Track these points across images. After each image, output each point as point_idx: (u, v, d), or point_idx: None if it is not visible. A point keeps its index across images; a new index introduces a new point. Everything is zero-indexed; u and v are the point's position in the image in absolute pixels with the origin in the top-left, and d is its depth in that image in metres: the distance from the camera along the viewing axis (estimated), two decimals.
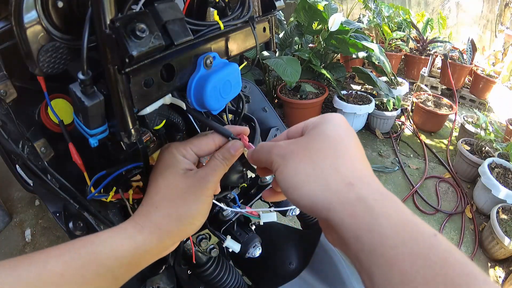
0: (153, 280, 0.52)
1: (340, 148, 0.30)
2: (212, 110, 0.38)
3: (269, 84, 2.63)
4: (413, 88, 3.13)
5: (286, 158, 0.31)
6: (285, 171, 0.30)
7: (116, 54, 0.32)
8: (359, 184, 0.27)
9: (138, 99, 0.34)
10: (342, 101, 2.39)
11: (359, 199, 0.25)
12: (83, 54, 0.34)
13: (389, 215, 0.24)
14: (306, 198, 0.28)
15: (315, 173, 0.28)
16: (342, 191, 0.26)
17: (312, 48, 2.64)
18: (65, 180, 0.46)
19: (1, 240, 1.50)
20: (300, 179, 0.28)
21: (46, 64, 0.36)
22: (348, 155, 0.29)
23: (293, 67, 1.98)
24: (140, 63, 0.33)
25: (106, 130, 0.36)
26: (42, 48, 0.35)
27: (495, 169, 1.85)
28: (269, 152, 0.33)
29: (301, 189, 0.28)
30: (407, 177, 2.07)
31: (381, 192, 0.26)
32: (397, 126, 2.65)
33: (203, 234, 0.56)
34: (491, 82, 3.00)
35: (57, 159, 0.52)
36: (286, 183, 0.29)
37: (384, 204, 0.25)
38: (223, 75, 0.38)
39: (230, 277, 0.60)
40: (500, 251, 1.55)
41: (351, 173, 0.28)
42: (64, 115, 0.45)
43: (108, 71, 0.33)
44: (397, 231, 0.23)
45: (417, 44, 3.58)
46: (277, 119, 0.64)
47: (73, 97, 0.36)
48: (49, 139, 0.52)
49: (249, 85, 0.64)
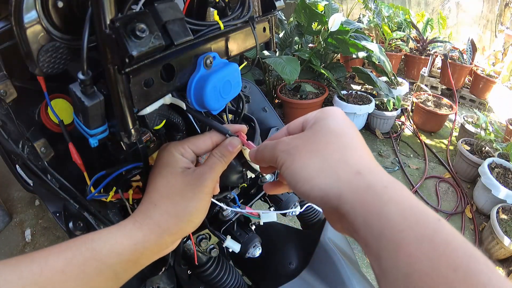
0: (153, 280, 0.52)
1: (346, 141, 0.31)
2: (212, 110, 0.38)
3: (269, 84, 2.64)
4: (413, 88, 3.13)
5: (292, 153, 0.31)
6: (293, 166, 0.30)
7: (116, 54, 0.32)
8: (368, 173, 0.28)
9: (138, 99, 0.34)
10: (342, 101, 2.39)
11: (369, 186, 0.27)
12: (83, 54, 0.34)
13: (397, 202, 0.25)
14: (317, 189, 0.28)
15: (325, 166, 0.29)
16: (352, 180, 0.27)
17: (312, 48, 2.64)
18: (65, 180, 0.46)
19: (1, 240, 1.50)
20: (309, 172, 0.29)
21: (46, 64, 0.36)
22: (354, 147, 0.30)
23: (292, 66, 1.99)
24: (140, 63, 0.33)
25: (106, 130, 0.36)
26: (42, 48, 0.35)
27: (495, 169, 1.85)
28: (273, 149, 0.33)
29: (312, 181, 0.29)
30: (407, 177, 2.07)
31: (388, 180, 0.27)
32: (397, 126, 2.65)
33: (203, 234, 0.56)
34: (491, 82, 3.00)
35: (57, 159, 0.52)
36: (295, 177, 0.30)
37: (393, 191, 0.26)
38: (223, 75, 0.38)
39: (230, 277, 0.60)
40: (500, 251, 1.55)
41: (359, 164, 0.29)
42: (64, 115, 0.45)
43: (108, 71, 0.33)
44: (404, 216, 0.24)
45: (417, 44, 3.58)
46: (277, 119, 0.64)
47: (73, 97, 0.36)
48: (49, 139, 0.52)
49: (249, 85, 0.64)
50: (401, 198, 0.25)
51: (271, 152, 0.34)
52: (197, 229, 0.55)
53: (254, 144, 0.39)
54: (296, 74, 1.97)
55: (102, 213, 0.47)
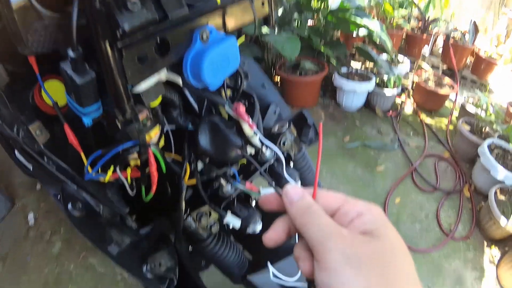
0: (154, 257, 0.52)
1: (415, 276, 0.25)
2: (210, 85, 0.37)
3: (268, 61, 2.59)
4: (414, 67, 3.07)
5: (353, 265, 0.23)
6: (350, 285, 0.23)
7: (107, 29, 0.31)
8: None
9: (132, 75, 0.33)
10: (342, 79, 2.35)
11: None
12: (73, 30, 0.32)
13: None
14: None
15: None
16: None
17: (312, 25, 2.58)
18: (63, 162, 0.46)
19: (5, 225, 1.52)
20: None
21: (35, 44, 0.35)
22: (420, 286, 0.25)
23: (292, 43, 1.94)
24: (133, 37, 0.32)
25: (99, 109, 0.35)
26: (30, 27, 0.33)
27: (494, 150, 1.85)
28: (327, 235, 0.25)
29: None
30: (406, 155, 2.08)
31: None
32: (397, 105, 2.63)
33: (203, 210, 0.55)
34: (493, 64, 2.95)
35: (53, 141, 0.51)
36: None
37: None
38: (221, 49, 0.36)
39: (230, 252, 0.61)
40: (497, 231, 1.57)
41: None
42: (59, 97, 0.44)
43: (99, 47, 0.32)
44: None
45: (419, 23, 3.50)
46: (276, 95, 0.63)
47: (64, 76, 0.35)
48: (44, 122, 0.51)
49: (247, 61, 0.62)
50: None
51: (317, 232, 0.26)
52: (197, 206, 0.55)
53: (254, 120, 0.38)
54: (297, 51, 1.92)
55: (101, 193, 0.47)
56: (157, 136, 0.42)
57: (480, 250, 1.57)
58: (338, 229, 0.25)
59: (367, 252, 0.24)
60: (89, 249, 1.40)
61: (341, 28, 2.29)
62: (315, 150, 1.11)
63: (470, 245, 1.58)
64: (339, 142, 2.14)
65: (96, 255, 1.39)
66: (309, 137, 0.71)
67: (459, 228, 1.65)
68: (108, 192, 0.46)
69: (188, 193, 0.57)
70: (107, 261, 1.36)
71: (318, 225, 0.26)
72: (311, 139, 0.72)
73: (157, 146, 0.43)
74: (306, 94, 2.40)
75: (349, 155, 2.04)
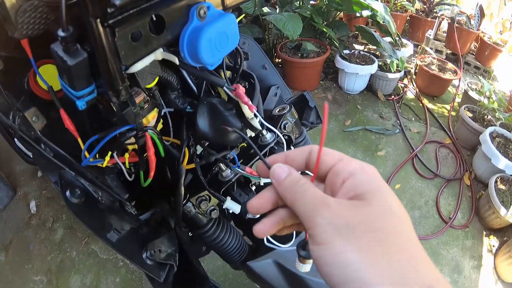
0: (154, 243, 0.52)
1: (413, 237, 0.24)
2: (208, 65, 0.35)
3: (269, 42, 2.54)
4: (418, 51, 3.01)
5: (343, 235, 0.23)
6: (343, 256, 0.22)
7: (97, 4, 0.29)
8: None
9: (126, 55, 0.31)
10: (344, 61, 2.31)
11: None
12: (62, 7, 0.30)
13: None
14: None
15: (393, 269, 0.22)
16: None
17: (314, 5, 2.51)
18: (60, 148, 0.45)
19: (8, 214, 1.53)
20: (371, 274, 0.21)
21: (25, 26, 0.33)
22: (421, 249, 0.24)
23: (294, 22, 1.90)
24: (125, 14, 0.30)
25: (93, 91, 0.34)
26: (20, 9, 0.32)
27: (496, 139, 1.83)
28: (313, 209, 0.25)
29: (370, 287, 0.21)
30: (407, 140, 2.06)
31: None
32: (399, 89, 2.59)
33: (203, 195, 0.55)
34: (497, 50, 2.89)
35: (50, 127, 0.50)
36: (347, 274, 0.22)
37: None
38: (219, 27, 0.34)
39: (231, 238, 0.61)
40: (496, 220, 1.57)
41: (430, 275, 0.23)
42: (54, 81, 0.43)
43: (90, 25, 0.30)
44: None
45: (424, 6, 3.42)
46: (277, 77, 0.61)
47: (56, 58, 0.33)
48: (40, 107, 0.50)
49: (248, 41, 0.60)
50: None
51: (306, 208, 0.25)
52: (197, 191, 0.54)
53: (254, 102, 0.36)
54: (299, 30, 1.88)
55: (100, 179, 0.46)
56: (155, 119, 0.41)
57: (478, 239, 1.58)
58: (324, 200, 0.25)
59: (356, 218, 0.23)
60: (91, 236, 1.42)
61: (344, 8, 2.23)
62: (316, 133, 1.10)
63: (469, 234, 1.59)
64: (340, 125, 2.12)
65: (98, 241, 1.40)
66: (311, 120, 0.70)
67: (458, 216, 1.65)
68: (107, 177, 0.45)
69: (188, 178, 0.56)
70: (109, 247, 1.38)
71: (305, 199, 0.25)
72: (312, 121, 0.71)
73: (155, 129, 0.42)
74: (308, 76, 2.37)
75: (350, 139, 2.02)
